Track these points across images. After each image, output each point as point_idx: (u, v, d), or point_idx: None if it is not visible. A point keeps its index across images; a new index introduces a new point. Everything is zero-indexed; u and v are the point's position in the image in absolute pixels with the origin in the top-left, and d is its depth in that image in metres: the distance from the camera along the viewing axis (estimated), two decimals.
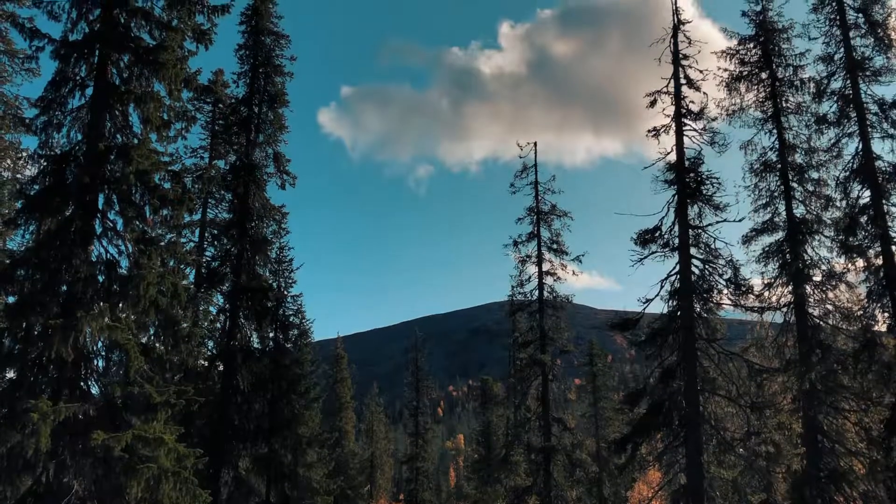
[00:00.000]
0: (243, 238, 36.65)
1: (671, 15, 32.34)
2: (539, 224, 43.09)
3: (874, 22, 31.11)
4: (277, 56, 39.16)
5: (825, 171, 31.30)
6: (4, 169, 36.71)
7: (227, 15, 25.48)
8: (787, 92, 32.33)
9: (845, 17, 31.56)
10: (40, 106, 23.22)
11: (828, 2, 32.06)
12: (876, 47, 31.06)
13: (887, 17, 31.12)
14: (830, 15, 31.94)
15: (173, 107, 24.02)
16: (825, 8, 32.10)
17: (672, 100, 31.84)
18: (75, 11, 23.71)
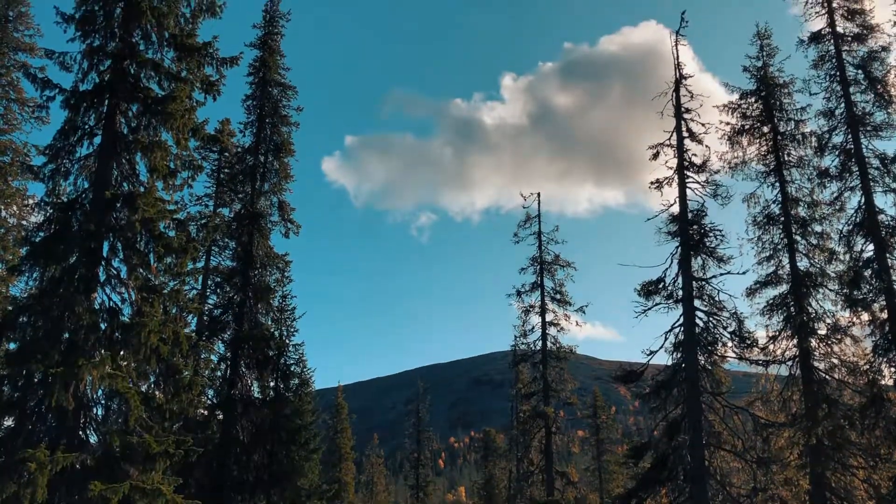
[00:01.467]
0: (246, 286, 36.62)
1: (673, 69, 32.77)
2: (542, 274, 43.09)
3: (874, 78, 31.56)
4: (284, 107, 39.64)
5: (828, 224, 31.46)
6: (10, 215, 37.01)
7: (236, 66, 25.97)
8: (788, 146, 32.64)
9: (845, 74, 32.01)
10: (48, 154, 23.45)
11: (828, 58, 32.57)
12: (876, 103, 31.45)
13: (886, 73, 31.60)
14: (831, 71, 32.41)
15: (180, 156, 24.25)
16: (825, 64, 32.59)
17: (675, 152, 32.07)
18: (86, 62, 24.10)
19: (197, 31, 25.38)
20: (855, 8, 32.52)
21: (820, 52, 32.79)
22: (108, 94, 23.82)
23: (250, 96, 39.47)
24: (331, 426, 73.73)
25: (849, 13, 32.58)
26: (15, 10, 37.85)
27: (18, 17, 37.88)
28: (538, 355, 42.40)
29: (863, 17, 32.33)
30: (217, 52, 25.15)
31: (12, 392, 21.00)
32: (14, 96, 37.41)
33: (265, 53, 39.59)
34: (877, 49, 31.90)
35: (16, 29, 37.71)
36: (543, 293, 42.90)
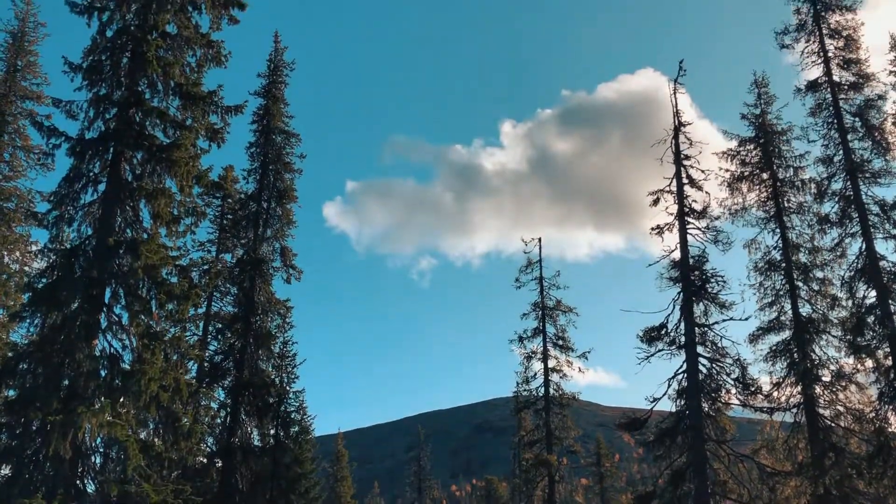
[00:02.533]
0: (247, 332, 36.53)
1: (671, 117, 33.12)
2: (544, 320, 42.95)
3: (871, 126, 31.88)
4: (287, 153, 40.03)
5: (829, 270, 31.48)
6: (13, 261, 37.09)
7: (241, 115, 26.29)
8: (788, 192, 32.85)
9: (842, 121, 32.34)
10: (53, 201, 23.63)
11: (825, 106, 32.94)
12: (874, 150, 31.71)
13: (883, 121, 31.92)
14: (828, 119, 32.76)
15: (184, 202, 24.42)
16: (823, 112, 32.96)
17: (675, 199, 32.24)
18: (93, 111, 24.42)
19: (202, 79, 25.79)
20: (851, 58, 33.00)
21: (817, 101, 33.20)
22: (114, 141, 24.08)
23: (254, 143, 39.89)
24: (331, 474, 72.80)
25: (844, 62, 33.05)
26: (24, 59, 38.45)
27: (27, 66, 38.47)
28: (541, 402, 42.04)
29: (858, 66, 32.80)
30: (222, 100, 25.52)
31: (10, 440, 20.83)
32: (20, 143, 37.80)
33: (269, 102, 40.11)
34: (873, 97, 32.30)
35: (24, 78, 38.25)
36: (545, 339, 42.72)
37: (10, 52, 38.14)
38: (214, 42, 25.86)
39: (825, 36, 33.68)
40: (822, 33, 33.75)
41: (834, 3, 33.91)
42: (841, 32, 33.47)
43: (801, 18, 34.52)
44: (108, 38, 24.97)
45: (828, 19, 33.85)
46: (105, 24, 24.99)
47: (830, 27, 33.71)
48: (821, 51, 33.65)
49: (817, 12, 33.99)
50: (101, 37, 24.92)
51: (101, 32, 24.94)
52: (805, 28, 34.27)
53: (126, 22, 25.20)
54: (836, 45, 33.44)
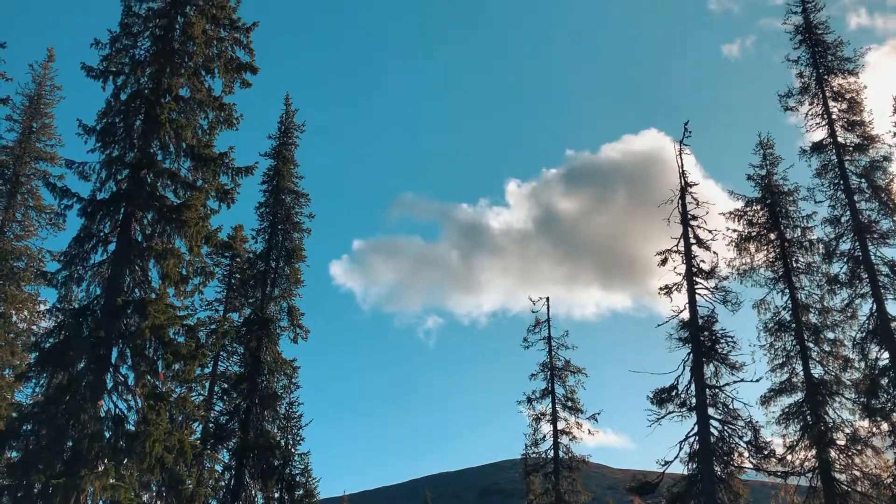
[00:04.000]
0: (253, 393, 36.22)
1: (677, 177, 33.25)
2: (553, 381, 42.41)
3: (877, 187, 31.99)
4: (296, 213, 40.30)
5: (840, 331, 31.17)
6: (21, 320, 37.14)
7: (251, 176, 26.56)
8: (796, 252, 32.77)
9: (849, 182, 32.46)
10: (63, 261, 23.80)
11: (830, 167, 33.13)
12: (881, 211, 31.75)
13: (889, 182, 32.05)
14: (834, 180, 32.89)
15: (192, 263, 24.54)
16: (828, 173, 33.12)
17: (683, 259, 32.18)
18: (105, 172, 24.78)
19: (214, 141, 26.21)
20: (855, 119, 33.33)
21: (822, 161, 33.40)
22: (125, 202, 24.34)
23: (263, 204, 40.21)
24: None
25: (849, 124, 33.37)
26: (39, 121, 39.21)
27: (42, 128, 39.21)
28: (550, 465, 41.22)
29: (863, 127, 33.11)
30: (232, 161, 25.88)
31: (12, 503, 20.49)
32: (32, 203, 38.27)
33: (279, 163, 40.59)
34: (878, 158, 32.51)
35: (38, 139, 38.94)
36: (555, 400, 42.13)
37: (26, 114, 38.92)
38: (226, 105, 26.36)
39: (828, 98, 34.09)
40: (825, 96, 34.16)
41: (836, 66, 34.42)
42: (844, 95, 33.89)
43: (804, 81, 35.02)
44: (122, 101, 25.50)
45: (830, 82, 34.32)
46: (119, 88, 25.57)
47: (833, 90, 34.16)
48: (825, 113, 34.00)
49: (820, 76, 34.48)
50: (115, 100, 25.46)
51: (116, 95, 25.49)
52: (808, 91, 34.72)
53: (140, 85, 25.76)
54: (840, 107, 33.82)
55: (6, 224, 36.83)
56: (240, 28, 27.11)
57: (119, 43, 25.81)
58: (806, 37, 35.37)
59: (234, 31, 27.08)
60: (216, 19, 26.76)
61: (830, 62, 34.55)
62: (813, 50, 34.97)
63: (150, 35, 26.30)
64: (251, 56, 27.04)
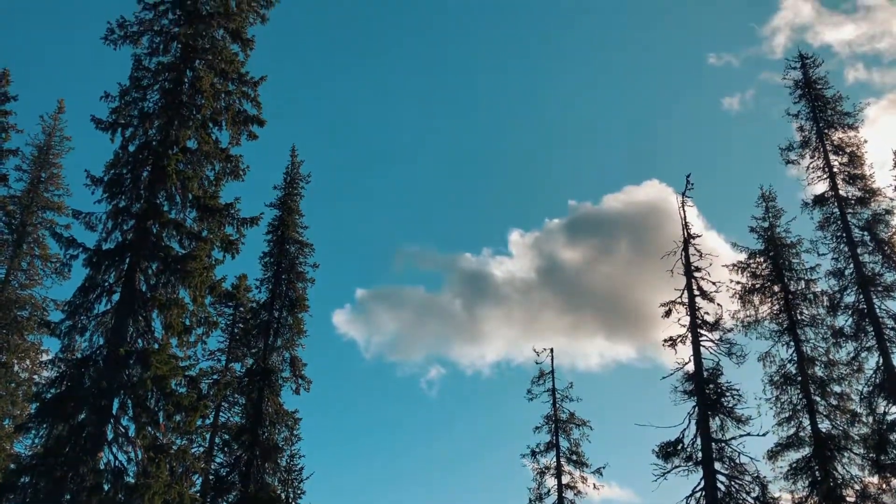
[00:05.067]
0: (254, 445, 35.83)
1: (680, 228, 33.32)
2: (557, 434, 41.86)
3: (880, 240, 32.08)
4: (300, 263, 40.38)
5: (847, 384, 30.90)
6: (23, 369, 37.04)
7: (256, 226, 26.72)
8: (801, 305, 32.70)
9: (851, 235, 32.56)
10: (67, 311, 23.84)
11: (833, 220, 33.27)
12: (885, 264, 31.79)
13: (892, 235, 32.17)
14: (837, 232, 33.00)
15: (196, 313, 24.53)
16: (831, 226, 33.25)
17: (687, 310, 32.08)
18: (111, 222, 24.97)
19: (220, 192, 26.43)
20: (856, 173, 33.61)
21: (825, 214, 33.58)
22: (130, 252, 24.46)
23: (268, 253, 40.33)
24: None
25: (850, 177, 33.63)
26: (48, 171, 39.70)
27: (50, 178, 39.68)
28: None
29: (864, 181, 33.36)
30: (238, 212, 26.09)
31: None
32: (38, 252, 38.51)
33: (284, 213, 40.82)
34: (881, 212, 32.68)
35: (46, 189, 39.38)
36: (559, 454, 41.50)
37: (35, 164, 39.44)
38: (233, 157, 26.67)
39: (829, 152, 34.43)
40: (826, 149, 34.50)
41: (836, 121, 34.84)
42: (844, 149, 34.24)
43: (804, 135, 35.43)
44: (130, 153, 25.83)
45: (831, 136, 34.71)
46: (128, 140, 25.92)
47: (834, 144, 34.52)
48: (826, 166, 34.30)
49: (820, 130, 34.88)
50: (123, 151, 25.78)
51: (124, 147, 25.82)
52: (809, 144, 35.09)
53: (148, 137, 26.11)
54: (841, 160, 34.14)
55: (11, 273, 37.00)
56: (248, 82, 27.57)
57: (128, 96, 26.23)
58: (805, 91, 35.89)
59: (242, 84, 27.54)
60: (224, 73, 27.24)
61: (830, 116, 35.00)
62: (813, 104, 35.45)
63: (159, 88, 26.74)
64: (258, 109, 27.48)
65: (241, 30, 27.96)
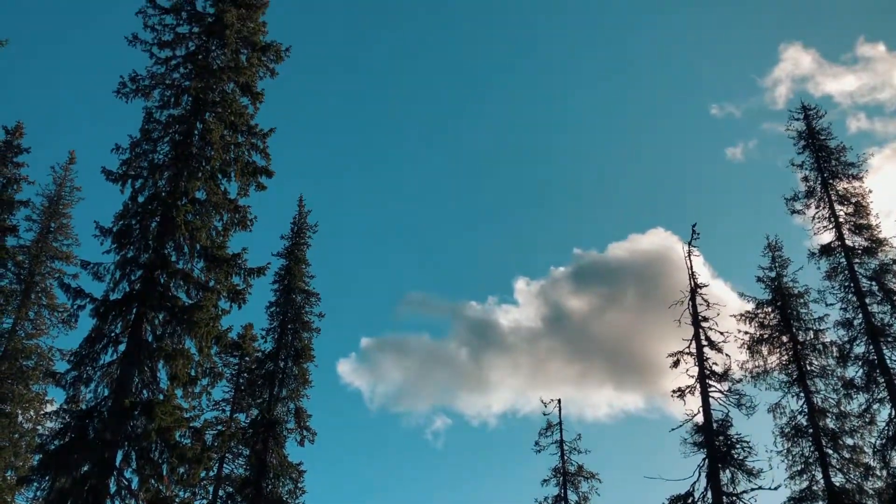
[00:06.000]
0: (258, 498, 35.36)
1: (686, 277, 33.25)
2: (566, 486, 41.21)
3: (889, 290, 31.93)
4: (306, 313, 40.38)
5: (860, 437, 30.44)
6: (27, 420, 36.78)
7: (263, 276, 26.78)
8: (810, 355, 32.44)
9: (859, 285, 32.42)
10: (73, 361, 23.78)
11: (840, 270, 33.18)
12: (894, 314, 31.55)
13: None
14: (844, 282, 32.89)
15: (201, 363, 24.46)
16: (838, 276, 33.15)
17: (695, 361, 31.83)
18: (119, 272, 25.06)
19: (227, 242, 26.55)
20: (862, 223, 33.63)
21: (832, 264, 33.50)
22: (137, 302, 24.48)
23: (274, 303, 40.37)
24: None
25: (856, 227, 33.64)
26: (57, 221, 40.00)
27: (59, 228, 39.95)
28: None
29: (870, 231, 33.35)
30: (245, 262, 26.16)
31: None
32: (46, 302, 38.57)
33: (291, 262, 40.98)
34: (888, 262, 32.60)
35: (55, 239, 39.62)
36: None
37: (45, 214, 39.77)
38: (241, 207, 26.86)
39: (834, 202, 34.51)
40: (831, 199, 34.59)
41: (840, 171, 35.01)
42: (850, 199, 34.33)
43: (809, 185, 35.56)
44: (139, 204, 26.04)
45: (835, 186, 34.84)
46: (137, 191, 26.15)
47: (839, 194, 34.63)
48: (831, 216, 34.35)
49: (825, 180, 35.02)
50: (132, 202, 26.00)
51: (133, 198, 26.04)
52: (814, 194, 35.20)
53: (158, 188, 26.35)
54: (846, 210, 34.20)
55: (18, 323, 37.01)
56: (257, 134, 27.93)
57: (139, 148, 26.57)
58: (809, 142, 36.15)
59: (251, 136, 27.90)
60: (234, 125, 27.62)
61: (834, 167, 35.19)
62: (817, 155, 35.67)
63: (169, 140, 27.09)
64: (267, 160, 27.77)
65: (251, 83, 28.45)
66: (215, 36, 28.32)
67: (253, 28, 29.13)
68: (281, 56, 29.30)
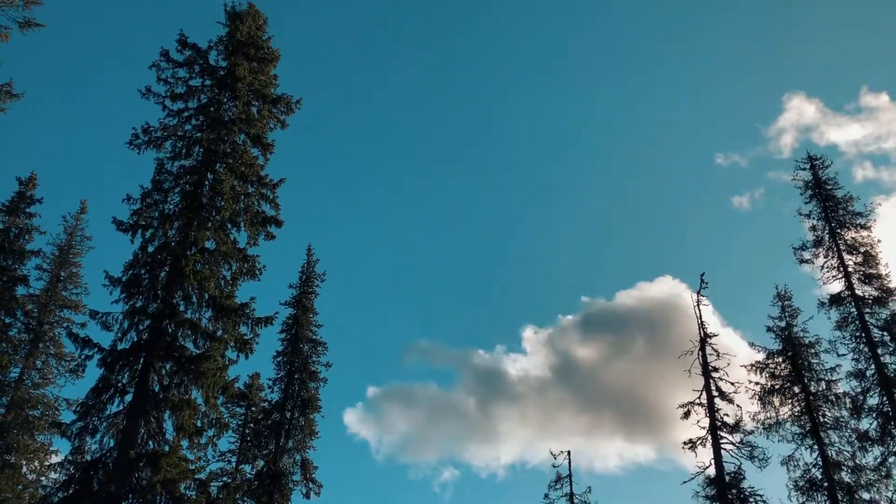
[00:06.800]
0: None
1: (696, 326, 32.98)
2: None
3: None
4: (314, 363, 40.25)
5: (876, 490, 29.82)
6: (31, 471, 36.43)
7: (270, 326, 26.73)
8: (822, 406, 32.01)
9: (871, 335, 32.13)
10: (79, 412, 23.67)
11: (851, 320, 32.92)
12: None
13: None
14: (856, 332, 32.60)
15: (208, 414, 24.30)
16: (849, 326, 32.88)
17: (706, 412, 31.44)
18: (127, 322, 25.08)
19: (236, 291, 26.59)
20: (871, 273, 33.47)
21: (842, 314, 33.26)
22: (145, 352, 24.47)
23: (281, 353, 40.27)
24: None
25: (865, 277, 33.47)
26: (67, 270, 40.19)
27: (69, 277, 40.13)
28: None
29: (880, 280, 33.18)
30: (253, 312, 26.17)
31: None
32: (54, 351, 38.53)
33: (299, 312, 40.99)
34: None
35: (65, 288, 39.75)
36: None
37: (55, 263, 39.99)
38: (250, 257, 26.98)
39: (843, 251, 34.41)
40: (839, 249, 34.50)
41: (848, 220, 34.99)
42: (858, 248, 34.24)
43: (817, 234, 35.51)
44: (149, 254, 26.19)
45: (843, 236, 34.77)
46: (147, 241, 26.32)
47: (847, 243, 34.55)
48: (840, 266, 34.22)
49: (833, 229, 34.99)
50: (142, 252, 26.15)
51: (143, 248, 26.19)
52: (822, 244, 35.12)
53: (168, 238, 26.51)
54: (855, 260, 34.08)
55: (25, 372, 36.93)
56: (267, 184, 28.20)
57: (150, 198, 26.81)
58: (816, 192, 36.21)
59: (261, 186, 28.17)
60: (245, 176, 27.90)
61: (842, 216, 35.17)
62: (824, 205, 35.71)
63: (180, 190, 27.34)
64: (276, 210, 28.00)
65: (261, 135, 28.84)
66: (227, 89, 28.80)
67: (264, 81, 29.64)
68: (291, 108, 29.76)
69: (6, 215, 37.13)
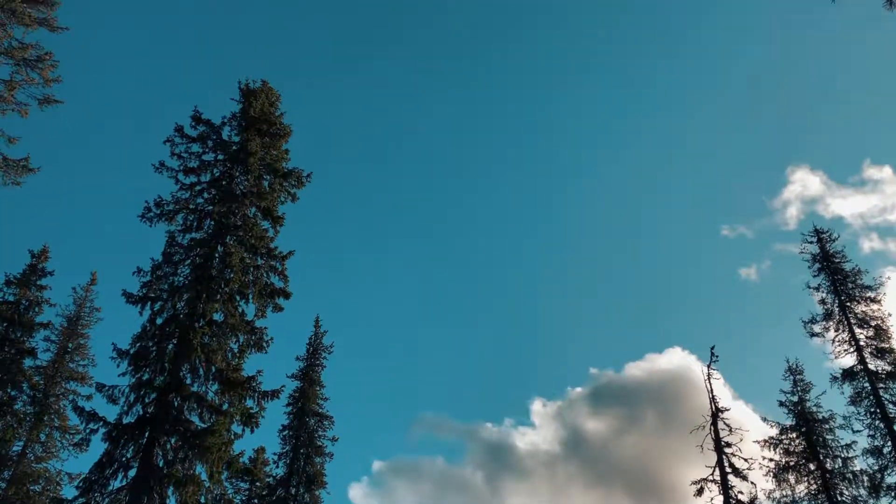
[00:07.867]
0: None
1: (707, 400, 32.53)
2: None
3: None
4: (319, 437, 39.70)
5: None
6: None
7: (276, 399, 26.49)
8: (839, 485, 31.26)
9: (886, 411, 31.60)
10: (81, 487, 23.30)
11: (864, 395, 32.45)
12: None
13: None
14: (870, 408, 32.09)
15: (212, 490, 23.88)
16: (863, 401, 32.39)
17: (720, 489, 30.70)
18: (133, 395, 24.91)
19: (243, 364, 26.44)
20: (883, 347, 33.14)
21: (855, 389, 32.81)
22: (150, 426, 24.21)
23: (287, 426, 39.79)
24: None
25: (878, 351, 33.14)
26: (75, 342, 40.11)
27: (77, 348, 40.02)
28: None
29: (893, 354, 32.83)
30: (259, 385, 25.96)
31: None
32: (58, 424, 38.13)
33: (305, 384, 40.66)
34: None
35: (72, 359, 39.61)
36: None
37: (63, 335, 39.94)
38: (258, 329, 26.93)
39: (854, 325, 34.16)
40: (850, 323, 34.26)
41: (858, 294, 34.84)
42: (869, 322, 33.99)
43: (827, 308, 35.33)
44: (157, 326, 26.17)
45: (854, 309, 34.59)
46: (156, 313, 26.35)
47: (858, 317, 34.33)
48: (851, 339, 33.93)
49: (842, 303, 34.82)
50: (150, 324, 26.14)
51: (152, 320, 26.20)
52: (832, 317, 34.91)
53: (176, 310, 26.54)
54: (867, 334, 33.79)
55: (29, 445, 36.50)
56: (276, 256, 28.36)
57: (160, 270, 26.96)
58: (824, 265, 36.19)
59: (270, 259, 28.32)
60: (254, 248, 28.10)
61: (851, 290, 35.06)
62: (833, 278, 35.63)
63: (190, 263, 27.51)
64: (285, 282, 28.07)
65: (272, 208, 29.16)
66: (239, 163, 29.29)
67: (276, 155, 30.15)
68: (302, 181, 30.16)
69: (17, 287, 37.30)
